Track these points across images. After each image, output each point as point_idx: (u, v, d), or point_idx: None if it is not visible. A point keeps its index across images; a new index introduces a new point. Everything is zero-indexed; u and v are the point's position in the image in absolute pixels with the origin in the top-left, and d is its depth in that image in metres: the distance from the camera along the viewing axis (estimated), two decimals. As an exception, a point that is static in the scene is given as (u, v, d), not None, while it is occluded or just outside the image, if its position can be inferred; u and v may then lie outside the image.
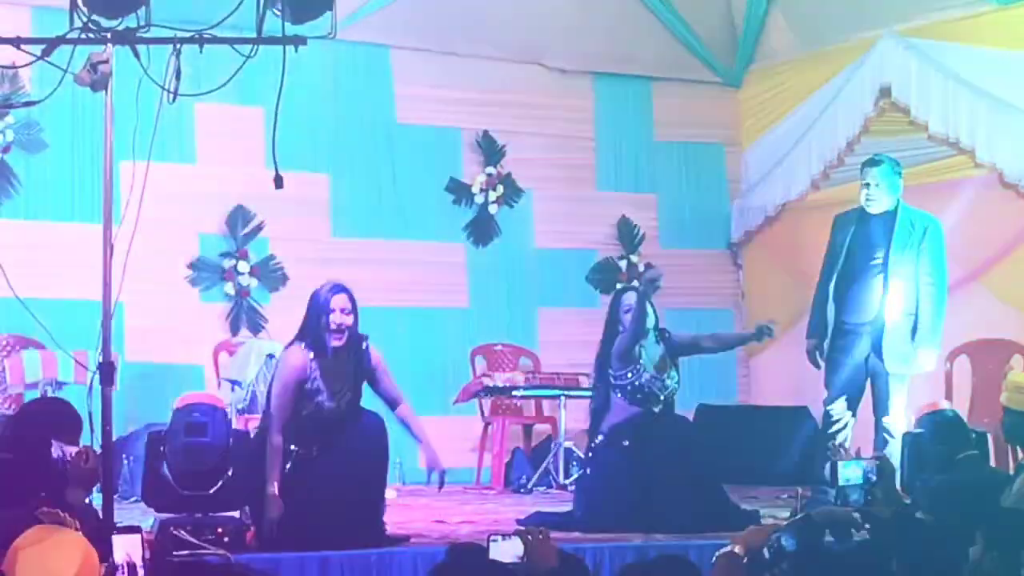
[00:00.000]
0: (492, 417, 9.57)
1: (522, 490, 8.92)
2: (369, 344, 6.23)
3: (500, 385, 9.07)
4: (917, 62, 9.49)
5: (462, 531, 6.65)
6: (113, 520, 5.32)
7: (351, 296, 6.15)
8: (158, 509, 5.90)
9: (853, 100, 9.97)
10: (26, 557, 3.75)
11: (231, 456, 5.83)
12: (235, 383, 8.83)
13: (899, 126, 9.66)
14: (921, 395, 7.18)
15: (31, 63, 6.03)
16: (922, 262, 7.30)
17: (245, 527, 5.90)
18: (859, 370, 7.32)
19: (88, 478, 5.20)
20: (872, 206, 7.35)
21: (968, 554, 4.21)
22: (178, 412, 5.90)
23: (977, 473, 5.69)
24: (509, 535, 4.17)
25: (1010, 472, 5.98)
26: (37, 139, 9.11)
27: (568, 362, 9.64)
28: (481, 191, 10.49)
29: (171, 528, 5.63)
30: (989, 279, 9.18)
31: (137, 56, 5.51)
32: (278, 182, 5.79)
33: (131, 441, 8.00)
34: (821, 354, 7.47)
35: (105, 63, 5.49)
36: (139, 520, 5.64)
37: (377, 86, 10.26)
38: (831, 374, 7.40)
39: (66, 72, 5.55)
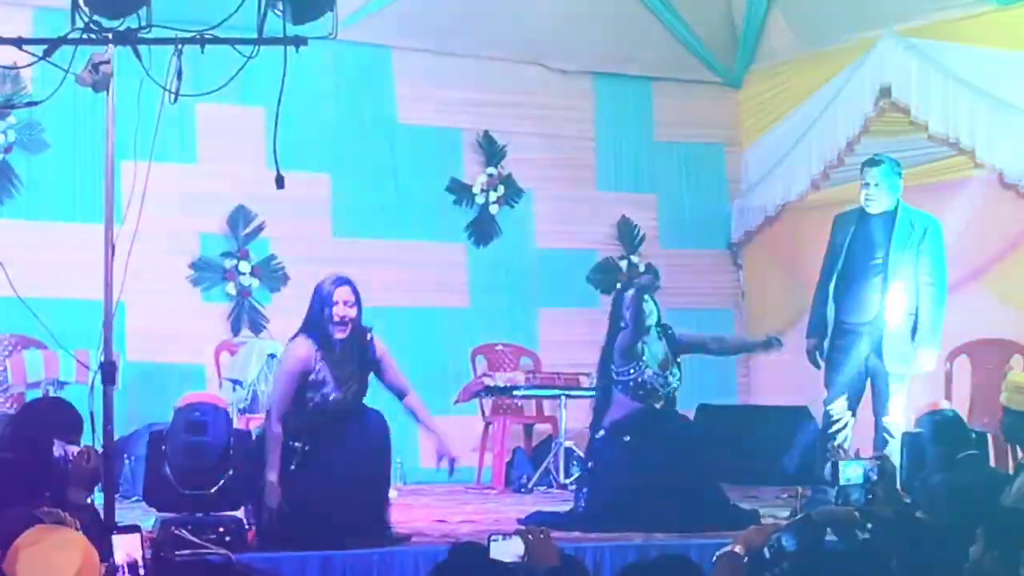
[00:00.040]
0: (493, 417, 9.57)
1: (523, 490, 8.92)
2: (373, 335, 6.24)
3: (501, 385, 9.06)
4: (917, 62, 9.47)
5: (463, 530, 6.64)
6: (115, 520, 5.34)
7: (354, 288, 6.15)
8: (159, 509, 5.89)
9: (853, 100, 9.95)
10: (27, 557, 3.74)
11: (232, 456, 5.83)
12: (236, 383, 8.83)
13: (899, 126, 9.64)
14: (921, 395, 7.18)
15: (33, 63, 6.03)
16: (922, 262, 7.30)
17: (247, 527, 5.91)
18: (859, 370, 7.33)
19: (89, 478, 5.20)
20: (872, 206, 7.35)
21: (968, 554, 4.21)
22: (179, 412, 5.90)
23: (977, 473, 5.70)
24: (510, 535, 4.18)
25: (1010, 472, 5.99)
26: (39, 139, 9.11)
27: (569, 362, 9.64)
28: (482, 191, 10.49)
29: (172, 527, 5.63)
30: (989, 279, 9.16)
31: (138, 56, 5.51)
32: (279, 182, 5.79)
33: (132, 441, 8.00)
34: (821, 354, 7.48)
35: (106, 63, 5.50)
36: (140, 520, 5.63)
37: (378, 86, 10.25)
38: (831, 374, 7.40)
39: (68, 72, 5.56)
